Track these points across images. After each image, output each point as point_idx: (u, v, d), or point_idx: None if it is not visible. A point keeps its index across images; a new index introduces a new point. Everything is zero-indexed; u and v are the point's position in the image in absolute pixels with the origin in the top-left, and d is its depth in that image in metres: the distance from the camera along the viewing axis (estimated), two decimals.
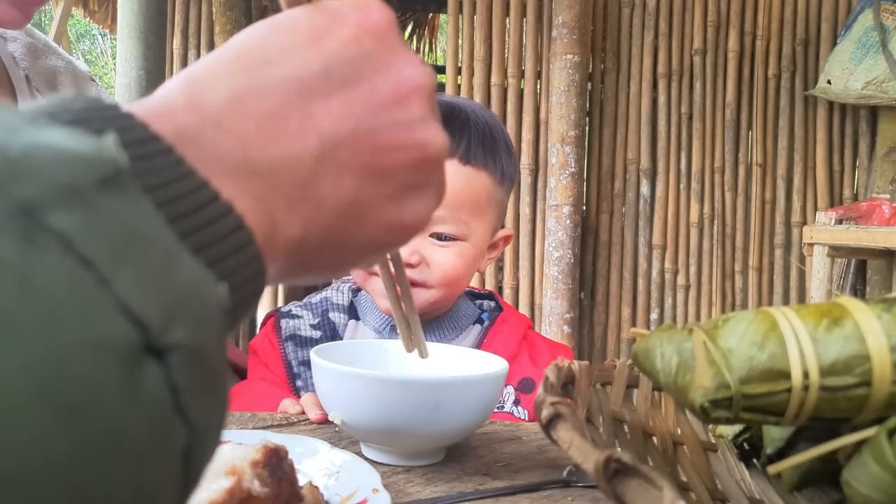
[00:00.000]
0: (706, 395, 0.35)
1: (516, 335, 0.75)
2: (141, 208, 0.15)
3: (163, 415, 0.13)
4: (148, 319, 0.13)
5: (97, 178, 0.14)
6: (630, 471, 0.30)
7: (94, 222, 0.13)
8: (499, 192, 0.75)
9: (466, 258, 0.71)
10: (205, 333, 0.15)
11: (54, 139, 0.14)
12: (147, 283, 0.14)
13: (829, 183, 2.33)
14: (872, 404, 0.35)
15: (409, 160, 0.25)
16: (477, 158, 0.71)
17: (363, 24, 0.25)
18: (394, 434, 0.47)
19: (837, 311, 0.36)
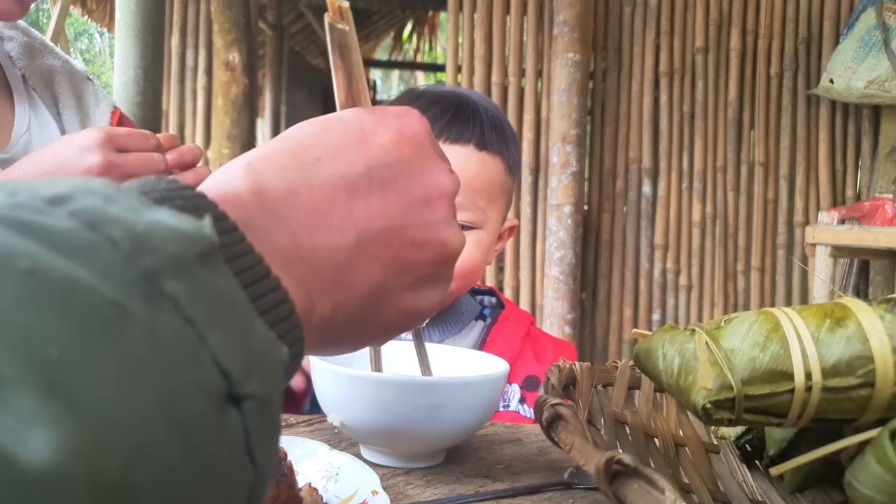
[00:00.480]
0: (708, 397, 0.35)
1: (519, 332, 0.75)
2: (227, 279, 0.18)
3: (240, 453, 0.16)
4: (232, 372, 0.16)
5: (198, 253, 0.17)
6: (631, 472, 0.30)
7: (196, 289, 0.16)
8: (508, 181, 0.75)
9: (483, 247, 0.71)
10: (272, 386, 0.18)
11: (165, 219, 0.17)
12: (233, 342, 0.16)
13: (832, 182, 2.32)
14: (875, 405, 0.34)
15: (430, 256, 0.28)
16: (492, 144, 0.71)
17: (404, 131, 0.29)
18: (393, 436, 0.47)
19: (840, 311, 0.36)
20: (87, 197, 0.16)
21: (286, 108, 4.37)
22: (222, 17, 2.45)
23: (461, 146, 0.70)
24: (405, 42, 6.45)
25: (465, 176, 0.67)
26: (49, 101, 0.81)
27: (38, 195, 0.16)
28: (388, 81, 9.71)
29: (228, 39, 2.44)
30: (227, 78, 2.47)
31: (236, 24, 2.45)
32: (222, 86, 2.48)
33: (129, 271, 0.15)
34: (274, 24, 4.11)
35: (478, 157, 0.70)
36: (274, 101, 4.26)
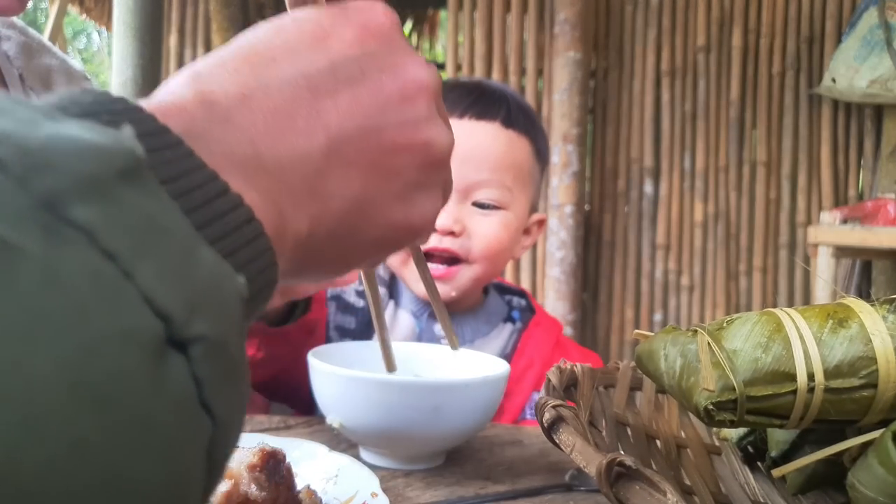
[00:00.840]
0: (710, 398, 0.35)
1: (550, 340, 0.73)
2: (160, 200, 0.15)
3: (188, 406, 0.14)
4: (171, 312, 0.13)
5: (117, 170, 0.14)
6: (633, 474, 0.29)
7: (116, 215, 0.13)
8: (536, 168, 0.72)
9: (509, 229, 0.68)
10: (226, 325, 0.15)
11: (73, 131, 0.14)
12: (169, 276, 0.14)
13: (834, 182, 2.32)
14: (878, 406, 0.34)
15: (415, 159, 0.25)
16: (519, 123, 0.69)
17: (368, 24, 0.25)
18: (393, 437, 0.47)
19: (843, 312, 0.35)
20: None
21: None
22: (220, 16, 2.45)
23: (487, 122, 0.67)
24: None
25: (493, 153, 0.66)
26: None
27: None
28: None
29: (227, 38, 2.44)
30: None
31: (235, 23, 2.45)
32: None
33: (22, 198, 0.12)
34: None
35: (505, 134, 0.68)
36: None
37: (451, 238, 0.66)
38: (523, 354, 0.71)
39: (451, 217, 0.65)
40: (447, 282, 0.67)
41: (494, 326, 0.73)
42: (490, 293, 0.76)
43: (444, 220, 0.65)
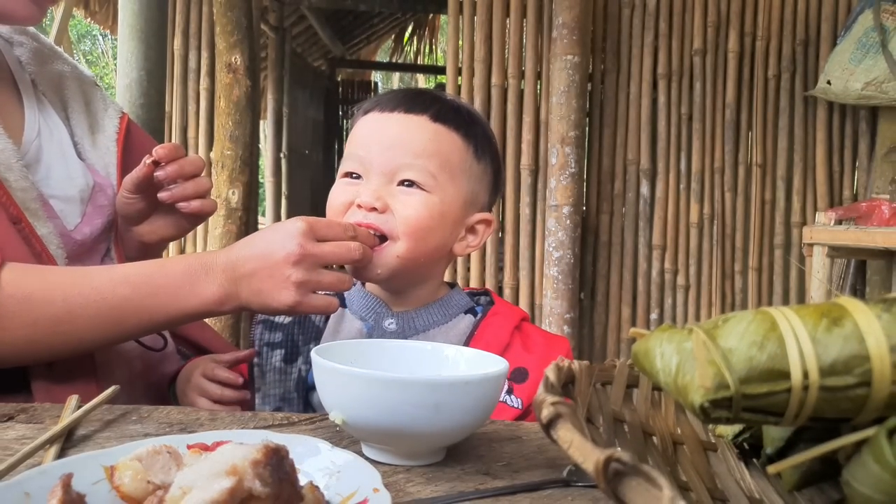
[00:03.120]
0: (706, 395, 0.35)
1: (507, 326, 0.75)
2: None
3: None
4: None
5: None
6: (630, 470, 0.30)
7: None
8: (475, 166, 0.75)
9: (432, 210, 0.71)
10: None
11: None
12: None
13: (829, 183, 2.33)
14: (872, 404, 0.35)
15: None
16: (448, 119, 0.73)
17: None
18: (394, 434, 0.47)
19: (837, 311, 0.36)
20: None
21: (287, 110, 4.37)
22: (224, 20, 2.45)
23: (415, 115, 0.73)
24: (406, 44, 6.45)
25: (417, 140, 0.71)
26: (58, 106, 0.81)
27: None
28: (389, 83, 9.71)
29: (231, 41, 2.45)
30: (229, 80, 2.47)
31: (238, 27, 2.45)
32: (224, 87, 2.49)
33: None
34: (276, 27, 4.12)
35: (432, 126, 0.73)
36: (276, 102, 4.26)
37: (375, 214, 0.70)
38: (480, 341, 0.73)
39: (374, 195, 0.70)
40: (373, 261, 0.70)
41: (453, 317, 0.76)
42: (455, 290, 0.79)
43: (368, 197, 0.70)
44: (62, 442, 0.50)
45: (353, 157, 0.73)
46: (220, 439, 0.46)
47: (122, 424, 0.56)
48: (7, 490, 0.37)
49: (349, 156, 0.74)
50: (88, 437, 0.53)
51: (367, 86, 6.72)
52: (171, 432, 0.54)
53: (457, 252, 0.76)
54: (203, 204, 0.77)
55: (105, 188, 0.80)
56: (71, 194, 0.76)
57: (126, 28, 1.82)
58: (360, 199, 0.70)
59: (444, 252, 0.75)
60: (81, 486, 0.37)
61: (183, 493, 0.35)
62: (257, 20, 2.87)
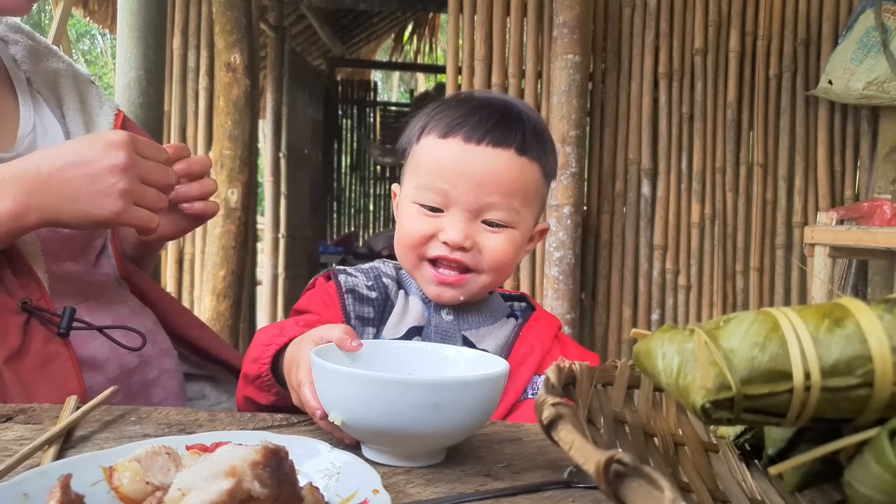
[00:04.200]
0: (707, 396, 0.35)
1: (549, 332, 0.79)
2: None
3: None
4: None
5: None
6: (631, 472, 0.30)
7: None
8: (544, 186, 0.78)
9: (515, 245, 0.74)
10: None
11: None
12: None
13: (831, 183, 2.33)
14: (874, 405, 0.35)
15: None
16: (532, 151, 0.74)
17: None
18: (394, 435, 0.47)
19: (839, 311, 0.36)
20: None
21: (287, 109, 4.38)
22: (224, 19, 2.45)
23: (503, 150, 0.73)
24: (405, 43, 6.45)
25: (505, 178, 0.72)
26: (53, 104, 0.81)
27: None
28: (389, 83, 9.71)
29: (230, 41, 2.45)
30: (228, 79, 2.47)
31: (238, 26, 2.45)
32: (224, 87, 2.49)
33: None
34: (275, 26, 4.11)
35: (518, 161, 0.73)
36: (275, 101, 4.26)
37: (461, 252, 0.72)
38: (525, 341, 0.76)
39: (462, 233, 0.71)
40: (456, 287, 0.73)
41: (498, 318, 0.79)
42: (494, 295, 0.81)
43: (456, 236, 0.71)
44: (61, 443, 0.50)
45: (436, 189, 0.72)
46: (220, 440, 0.45)
47: (121, 425, 0.56)
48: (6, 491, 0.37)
49: (429, 186, 0.72)
50: (87, 437, 0.53)
51: (367, 85, 6.72)
52: (170, 433, 0.54)
53: (518, 260, 0.79)
54: (206, 206, 0.77)
55: None
56: None
57: (125, 27, 1.82)
58: (447, 238, 0.71)
59: (515, 264, 0.79)
60: (80, 486, 0.37)
61: (182, 495, 0.35)
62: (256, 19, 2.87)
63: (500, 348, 0.75)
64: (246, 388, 0.66)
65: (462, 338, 0.75)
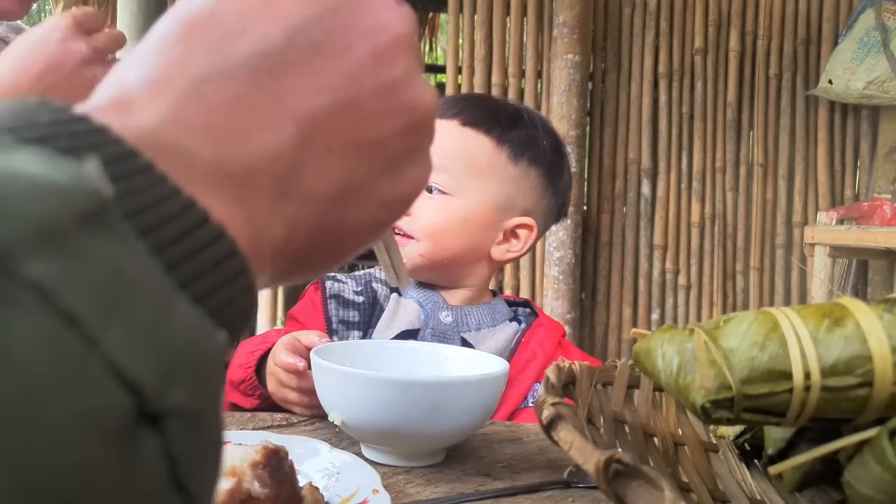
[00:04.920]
0: (707, 396, 0.35)
1: (552, 338, 0.78)
2: (128, 247, 0.13)
3: (161, 492, 0.12)
4: (142, 382, 0.11)
5: (78, 215, 0.11)
6: (631, 472, 0.30)
7: (77, 270, 0.11)
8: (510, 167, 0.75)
9: (451, 213, 0.72)
10: (204, 392, 0.13)
11: (26, 166, 0.12)
12: (140, 340, 0.12)
13: (831, 183, 2.33)
14: (874, 405, 0.35)
15: (397, 126, 0.22)
16: (479, 124, 0.74)
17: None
18: (394, 435, 0.47)
19: (839, 311, 0.36)
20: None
21: None
22: None
23: (445, 120, 0.73)
24: None
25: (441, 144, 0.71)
26: None
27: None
28: None
29: None
30: None
31: None
32: None
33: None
34: None
35: (459, 130, 0.73)
36: None
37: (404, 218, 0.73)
38: (527, 348, 0.75)
39: None
40: None
41: (500, 322, 0.78)
42: (496, 298, 0.81)
43: None
44: None
45: None
46: None
47: None
48: None
49: None
50: None
51: None
52: None
53: (496, 256, 0.77)
54: None
55: None
56: None
57: (125, 27, 1.82)
58: None
59: (477, 255, 0.76)
60: None
61: None
62: None
63: (501, 352, 0.75)
64: (231, 395, 0.67)
65: (461, 340, 0.74)
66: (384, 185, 0.22)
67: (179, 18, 0.20)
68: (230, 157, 0.18)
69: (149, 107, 0.17)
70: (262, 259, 0.19)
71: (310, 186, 0.20)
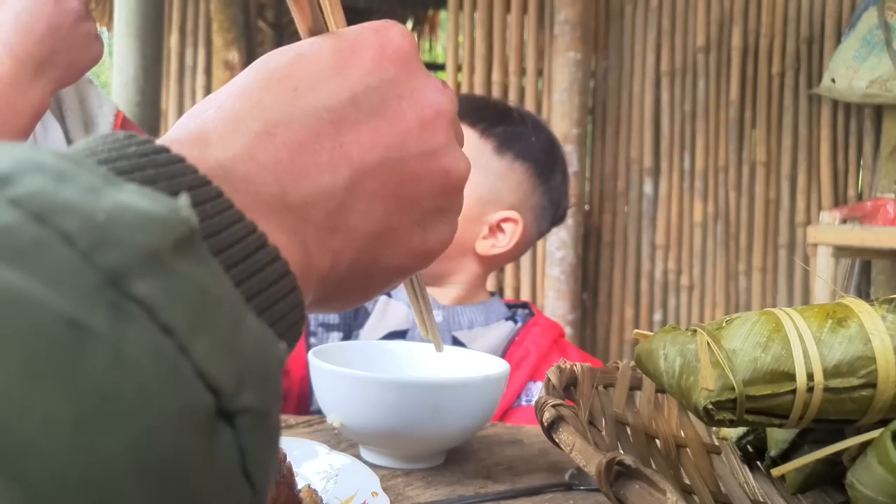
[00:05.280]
0: (710, 397, 0.35)
1: (548, 337, 0.77)
2: (210, 268, 0.15)
3: (234, 477, 0.14)
4: (222, 385, 0.14)
5: (174, 241, 0.14)
6: (633, 473, 0.29)
7: (173, 288, 0.13)
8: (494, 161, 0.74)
9: None
10: (269, 394, 0.15)
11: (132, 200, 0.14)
12: (220, 347, 0.14)
13: (834, 182, 2.32)
14: (877, 406, 0.34)
15: (434, 187, 0.25)
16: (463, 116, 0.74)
17: (385, 48, 0.25)
18: (393, 436, 0.47)
19: (842, 311, 0.36)
20: (35, 176, 0.13)
21: None
22: (222, 16, 2.45)
23: None
24: None
25: None
26: (53, 104, 0.81)
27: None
28: None
29: (228, 38, 2.45)
30: (226, 77, 2.47)
31: (236, 23, 2.45)
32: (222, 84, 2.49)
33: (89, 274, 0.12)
34: (273, 23, 4.11)
35: None
36: None
37: None
38: (520, 346, 0.75)
39: None
40: None
41: (494, 321, 0.77)
42: (495, 298, 0.81)
43: None
44: None
45: None
46: None
47: None
48: None
49: None
50: None
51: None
52: None
53: (481, 251, 0.75)
54: None
55: None
56: None
57: (122, 25, 1.82)
58: None
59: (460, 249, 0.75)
60: None
61: None
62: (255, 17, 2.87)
63: (493, 351, 0.74)
64: None
65: (452, 338, 0.74)
66: (415, 236, 0.26)
67: (260, 70, 0.24)
68: (290, 192, 0.21)
69: (224, 142, 0.21)
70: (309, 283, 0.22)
71: (355, 224, 0.23)
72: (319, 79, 0.23)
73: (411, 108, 0.25)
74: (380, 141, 0.24)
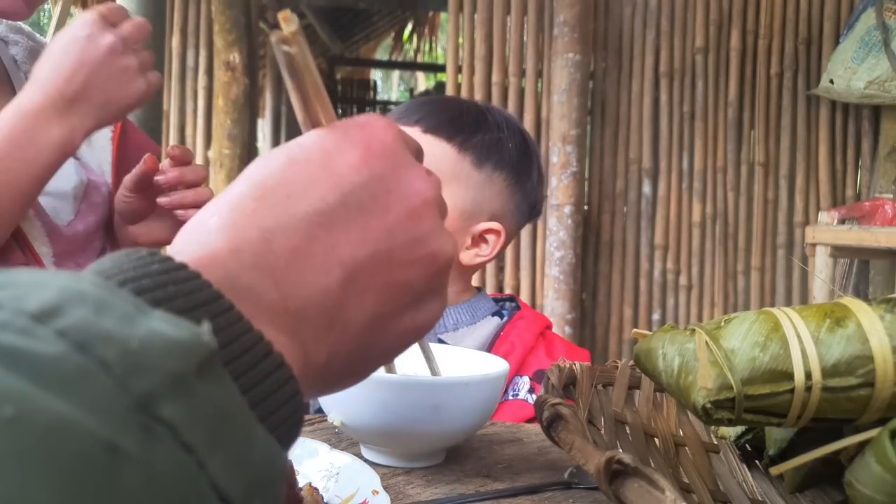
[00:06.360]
0: (708, 396, 0.35)
1: (533, 330, 0.77)
2: (225, 386, 0.16)
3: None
4: (233, 497, 0.15)
5: (196, 365, 0.15)
6: (632, 472, 0.30)
7: (193, 408, 0.15)
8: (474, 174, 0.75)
9: None
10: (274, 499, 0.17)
11: (161, 327, 0.16)
12: (233, 462, 0.15)
13: (832, 183, 2.32)
14: (875, 405, 0.34)
15: (422, 271, 0.27)
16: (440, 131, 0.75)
17: (370, 145, 0.26)
18: (393, 435, 0.47)
19: (840, 311, 0.36)
20: (78, 307, 0.15)
21: (286, 109, 4.37)
22: (223, 18, 2.45)
23: (407, 127, 0.73)
24: (405, 42, 6.45)
25: None
26: None
27: (24, 310, 0.14)
28: (389, 82, 9.71)
29: (229, 40, 2.45)
30: (227, 78, 2.47)
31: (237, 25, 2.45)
32: (223, 86, 2.49)
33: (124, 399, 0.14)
34: (274, 25, 4.11)
35: (421, 137, 0.73)
36: (274, 101, 4.26)
37: None
38: (506, 340, 0.75)
39: None
40: None
41: (480, 319, 0.77)
42: (481, 294, 0.81)
43: None
44: None
45: None
46: None
47: None
48: None
49: None
50: None
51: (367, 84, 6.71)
52: None
53: (465, 262, 0.76)
54: None
55: (99, 186, 0.80)
56: (64, 191, 0.75)
57: None
58: None
59: None
60: None
61: None
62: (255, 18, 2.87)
63: (479, 348, 0.74)
64: None
65: (437, 341, 0.73)
66: (406, 318, 0.27)
67: (252, 179, 0.25)
68: (289, 295, 0.23)
69: (230, 257, 0.22)
70: (307, 380, 0.23)
71: (349, 318, 0.25)
72: (310, 183, 0.25)
73: (398, 201, 0.26)
74: (370, 236, 0.25)
